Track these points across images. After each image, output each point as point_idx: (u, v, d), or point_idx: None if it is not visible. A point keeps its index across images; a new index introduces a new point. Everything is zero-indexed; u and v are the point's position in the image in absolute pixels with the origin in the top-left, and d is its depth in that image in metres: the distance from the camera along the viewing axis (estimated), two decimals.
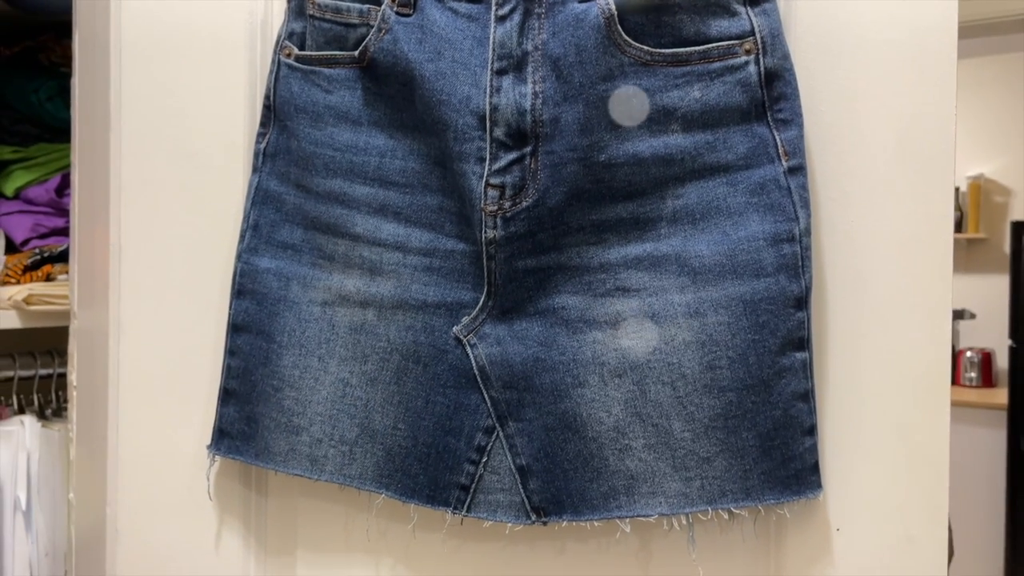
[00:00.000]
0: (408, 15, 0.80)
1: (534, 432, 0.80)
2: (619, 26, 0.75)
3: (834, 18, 0.79)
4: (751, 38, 0.75)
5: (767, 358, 0.75)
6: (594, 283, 0.79)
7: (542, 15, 0.78)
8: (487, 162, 0.78)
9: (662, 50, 0.75)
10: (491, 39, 0.78)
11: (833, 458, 0.79)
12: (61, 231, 1.38)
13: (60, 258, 1.31)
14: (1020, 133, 3.66)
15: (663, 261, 0.77)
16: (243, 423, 0.86)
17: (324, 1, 0.83)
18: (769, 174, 0.76)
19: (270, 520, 0.93)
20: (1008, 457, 3.27)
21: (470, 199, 0.79)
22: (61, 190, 1.38)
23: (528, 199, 0.78)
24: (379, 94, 0.82)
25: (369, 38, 0.81)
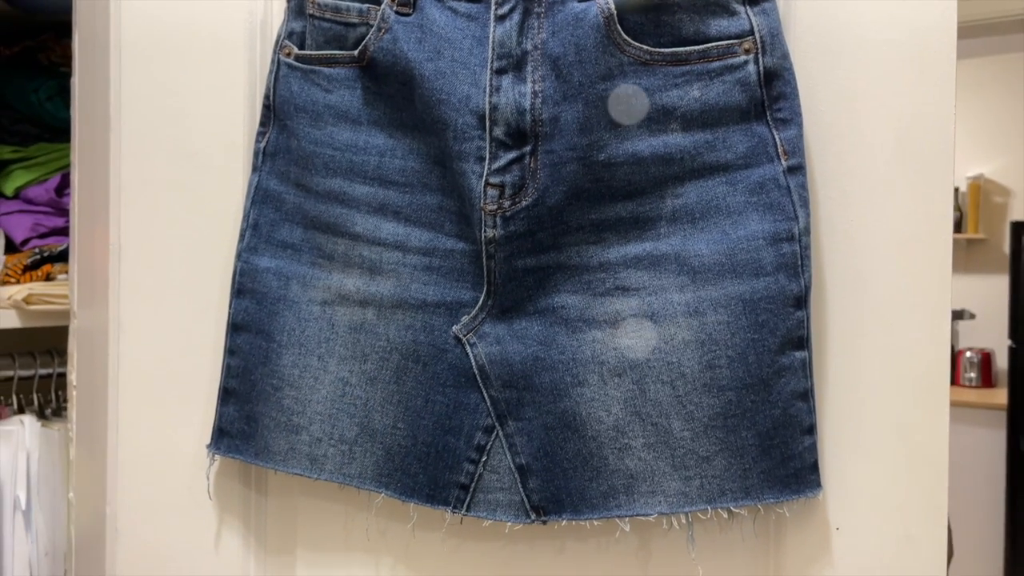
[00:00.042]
0: (408, 14, 0.80)
1: (534, 431, 0.80)
2: (618, 25, 0.75)
3: (833, 18, 0.79)
4: (750, 37, 0.75)
5: (766, 357, 0.75)
6: (593, 282, 0.79)
7: (541, 14, 0.78)
8: (487, 161, 0.78)
9: (661, 49, 0.76)
10: (491, 38, 0.78)
11: (832, 457, 0.79)
12: (61, 231, 1.38)
13: (60, 258, 1.31)
14: (1020, 133, 3.66)
15: (662, 260, 0.77)
16: (243, 422, 0.86)
17: (324, 0, 0.83)
18: (768, 173, 0.76)
19: (270, 519, 0.93)
20: (1008, 457, 3.28)
21: (470, 198, 0.79)
22: (61, 190, 1.38)
23: (528, 198, 0.78)
24: (379, 93, 0.83)
25: (369, 37, 0.81)
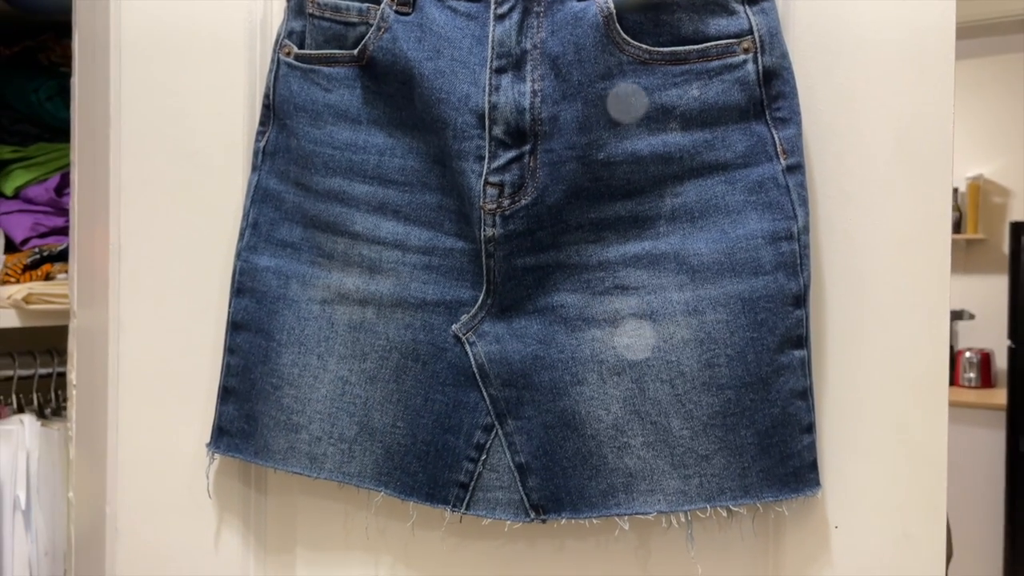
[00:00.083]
0: (407, 14, 0.80)
1: (533, 430, 0.80)
2: (617, 24, 0.75)
3: (833, 18, 0.79)
4: (749, 37, 0.75)
5: (765, 356, 0.75)
6: (593, 281, 0.79)
7: (541, 14, 0.78)
8: (486, 160, 0.78)
9: (661, 49, 0.76)
10: (490, 37, 0.78)
11: (832, 456, 0.79)
12: (61, 230, 1.38)
13: (60, 257, 1.31)
14: (1019, 134, 3.66)
15: (662, 259, 0.77)
16: (242, 421, 0.87)
17: (323, 0, 0.83)
18: (767, 172, 0.76)
19: (270, 518, 0.93)
20: (1007, 458, 3.28)
21: (469, 197, 0.79)
22: (61, 189, 1.38)
23: (527, 197, 0.78)
24: (378, 92, 0.83)
25: (368, 37, 0.81)
